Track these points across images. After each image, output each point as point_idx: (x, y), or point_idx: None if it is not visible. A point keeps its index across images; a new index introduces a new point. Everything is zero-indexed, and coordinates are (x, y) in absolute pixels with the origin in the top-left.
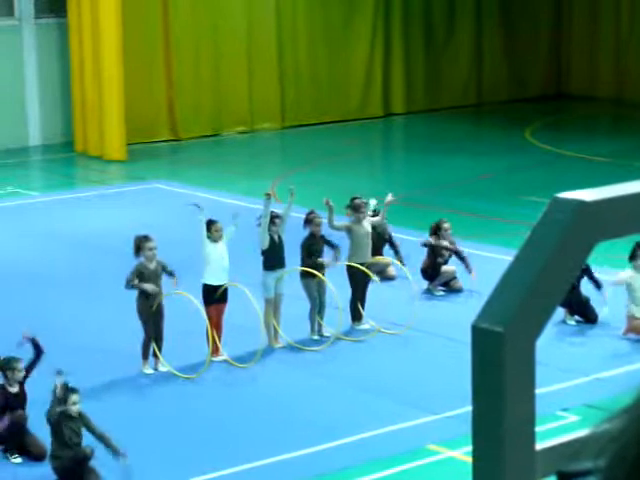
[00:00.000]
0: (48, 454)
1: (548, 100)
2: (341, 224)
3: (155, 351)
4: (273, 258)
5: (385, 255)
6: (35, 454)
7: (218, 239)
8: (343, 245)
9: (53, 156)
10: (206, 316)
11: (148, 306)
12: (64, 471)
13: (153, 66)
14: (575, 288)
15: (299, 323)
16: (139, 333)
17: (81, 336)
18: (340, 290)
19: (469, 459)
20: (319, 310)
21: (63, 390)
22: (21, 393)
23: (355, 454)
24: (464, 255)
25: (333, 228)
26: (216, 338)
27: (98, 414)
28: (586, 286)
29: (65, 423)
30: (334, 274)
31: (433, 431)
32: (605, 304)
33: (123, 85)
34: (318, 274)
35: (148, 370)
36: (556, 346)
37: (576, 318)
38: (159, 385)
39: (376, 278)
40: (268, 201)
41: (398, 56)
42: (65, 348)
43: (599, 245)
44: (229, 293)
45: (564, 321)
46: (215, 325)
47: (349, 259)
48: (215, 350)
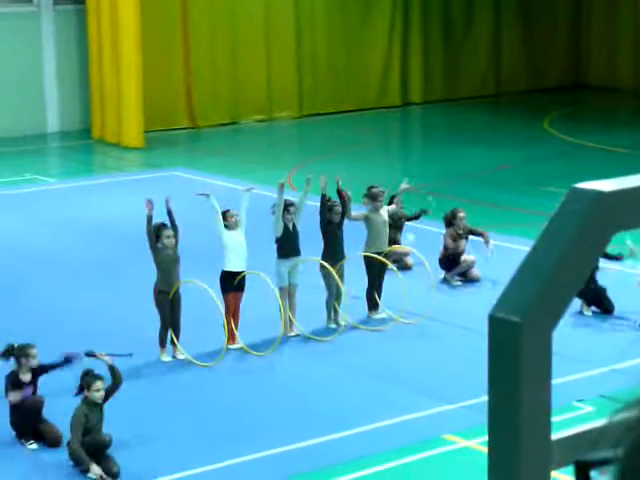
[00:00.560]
0: (65, 440)
1: (566, 91)
2: (359, 214)
3: (173, 339)
4: (287, 246)
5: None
6: (51, 441)
7: (234, 226)
8: (361, 234)
9: (71, 143)
10: (222, 304)
11: (165, 294)
12: (79, 458)
13: (171, 53)
14: (592, 278)
15: (315, 312)
16: (157, 320)
17: (99, 323)
18: (357, 280)
19: (485, 449)
20: (336, 298)
21: (87, 376)
22: (33, 383)
23: (371, 443)
24: (480, 232)
25: (350, 219)
26: (232, 326)
27: (115, 400)
28: (603, 277)
29: (87, 410)
30: (351, 264)
31: (449, 421)
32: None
33: (141, 72)
34: (328, 268)
35: (166, 358)
36: (572, 337)
37: (593, 309)
38: (176, 373)
39: (394, 267)
40: (281, 190)
41: (416, 45)
42: (82, 335)
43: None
44: (247, 281)
45: (581, 312)
46: (232, 313)
47: (366, 248)
48: (232, 338)
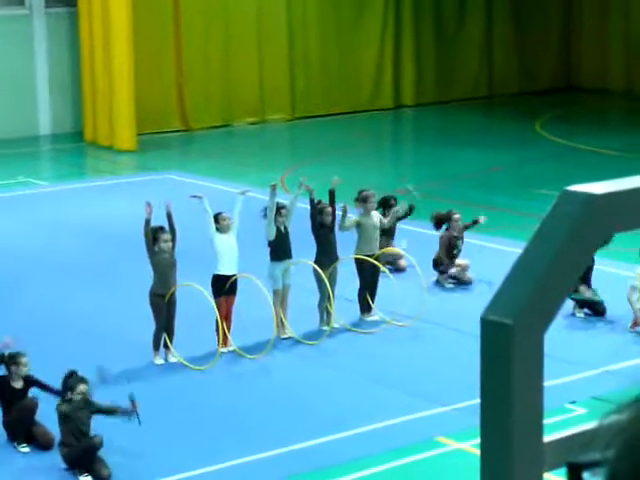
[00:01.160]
0: (57, 443)
1: (558, 93)
2: (350, 223)
3: (166, 342)
4: (280, 249)
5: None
6: (43, 443)
7: (226, 229)
8: (352, 238)
9: (63, 146)
10: (215, 307)
11: (161, 297)
12: (73, 460)
13: (163, 56)
14: (583, 280)
15: (308, 314)
16: (150, 322)
17: (91, 325)
18: (350, 282)
19: (477, 451)
20: (328, 300)
21: (73, 379)
22: (25, 390)
23: (363, 445)
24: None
25: (343, 229)
26: (225, 329)
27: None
28: (595, 279)
29: (74, 412)
30: (344, 266)
31: (442, 423)
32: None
33: (134, 75)
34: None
35: (159, 361)
36: (564, 339)
37: (585, 311)
38: (169, 375)
39: (386, 270)
40: (273, 192)
41: (409, 47)
42: (75, 336)
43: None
44: (239, 285)
45: (573, 314)
46: (225, 316)
47: (357, 252)
48: (224, 341)
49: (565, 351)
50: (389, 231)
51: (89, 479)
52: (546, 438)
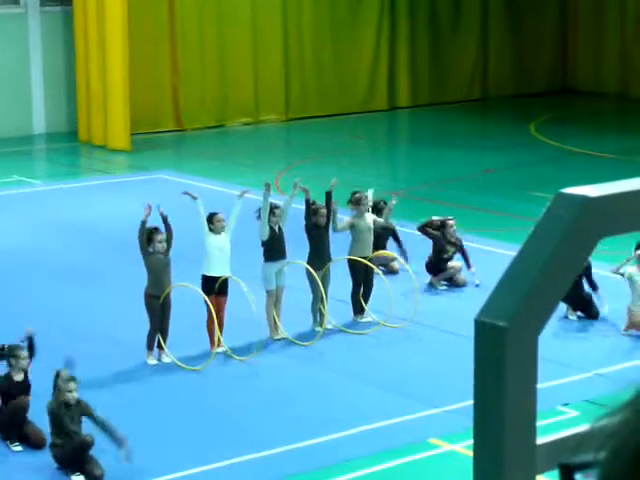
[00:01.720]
0: (48, 442)
1: (553, 95)
2: (344, 224)
3: (160, 342)
4: (274, 249)
5: (389, 249)
6: (35, 442)
7: (220, 230)
8: (345, 240)
9: (57, 145)
10: (212, 307)
11: (155, 298)
12: (64, 459)
13: (158, 56)
14: (577, 284)
15: (302, 314)
16: (143, 323)
17: (84, 325)
18: (344, 283)
19: (471, 453)
20: (322, 301)
21: (62, 378)
22: (25, 382)
23: (356, 446)
24: (465, 249)
25: (337, 230)
26: (217, 330)
27: (101, 404)
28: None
29: (64, 411)
30: (338, 267)
31: (435, 425)
32: (603, 304)
33: (128, 75)
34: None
35: (152, 361)
36: (558, 341)
37: (578, 314)
38: (163, 376)
39: (380, 271)
40: (267, 191)
41: (404, 49)
42: (68, 336)
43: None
44: (230, 286)
45: (566, 317)
46: (216, 317)
47: (350, 253)
48: (216, 342)
49: (558, 354)
50: (382, 237)
51: (81, 478)
52: (539, 440)
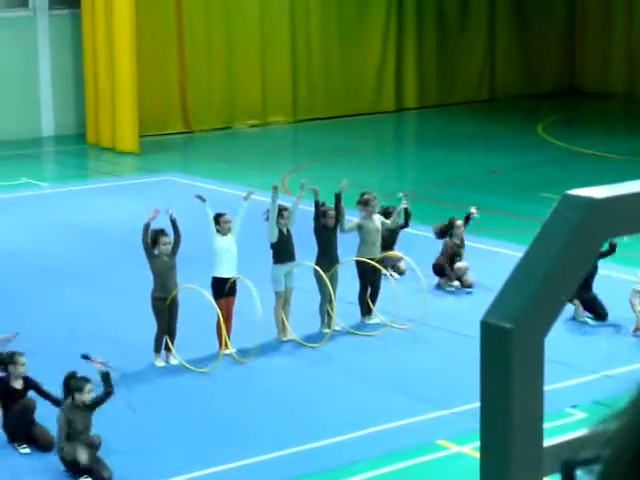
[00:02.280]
0: (56, 444)
1: (561, 96)
2: (352, 225)
3: (168, 344)
4: (283, 251)
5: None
6: (42, 444)
7: (226, 232)
8: (353, 241)
9: (66, 147)
10: (218, 310)
11: (161, 300)
12: (71, 462)
13: (166, 58)
14: (585, 285)
15: (310, 316)
16: (150, 325)
17: (93, 327)
18: (352, 285)
19: (478, 455)
20: (330, 303)
21: (78, 380)
22: (25, 390)
23: (364, 448)
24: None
25: (345, 231)
26: (225, 332)
27: (108, 405)
28: (595, 283)
29: (74, 412)
30: (346, 269)
31: (442, 426)
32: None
33: (136, 77)
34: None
35: (160, 363)
36: (565, 343)
37: (586, 314)
38: (170, 378)
39: (388, 273)
40: (275, 193)
41: (411, 51)
42: (77, 339)
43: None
44: (238, 286)
45: (573, 318)
46: (225, 318)
47: (358, 254)
48: (225, 344)
49: (566, 355)
50: (390, 239)
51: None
52: (546, 442)
